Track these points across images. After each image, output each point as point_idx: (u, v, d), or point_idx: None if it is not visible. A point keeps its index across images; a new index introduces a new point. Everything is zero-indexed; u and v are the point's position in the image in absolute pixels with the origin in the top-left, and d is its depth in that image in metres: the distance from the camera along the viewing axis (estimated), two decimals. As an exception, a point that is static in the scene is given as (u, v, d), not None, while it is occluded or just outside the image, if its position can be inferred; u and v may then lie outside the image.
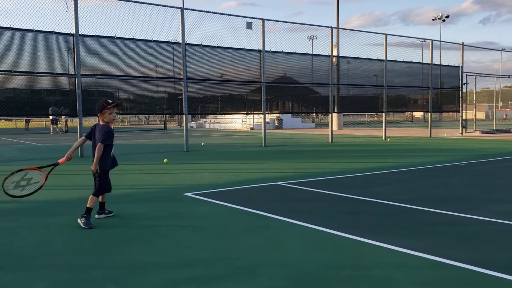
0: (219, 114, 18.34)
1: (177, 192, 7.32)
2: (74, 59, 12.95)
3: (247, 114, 20.67)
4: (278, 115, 31.67)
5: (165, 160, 11.80)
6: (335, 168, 10.20)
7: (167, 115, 33.98)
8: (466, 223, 5.14)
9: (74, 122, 28.48)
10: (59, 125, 29.46)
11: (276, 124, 33.49)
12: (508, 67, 42.67)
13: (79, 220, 5.13)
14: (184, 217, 5.64)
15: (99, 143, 5.20)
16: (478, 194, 6.99)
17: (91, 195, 5.27)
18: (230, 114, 21.28)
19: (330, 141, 18.32)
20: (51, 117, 24.43)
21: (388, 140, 19.23)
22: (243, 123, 34.26)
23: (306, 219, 5.24)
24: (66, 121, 29.86)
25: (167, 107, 16.43)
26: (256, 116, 29.16)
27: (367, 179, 8.59)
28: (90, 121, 38.53)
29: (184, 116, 15.27)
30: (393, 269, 3.68)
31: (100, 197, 5.46)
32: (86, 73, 13.28)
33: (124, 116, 37.74)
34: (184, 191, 7.35)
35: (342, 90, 19.65)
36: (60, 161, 5.22)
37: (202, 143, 18.18)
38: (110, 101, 5.30)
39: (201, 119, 39.47)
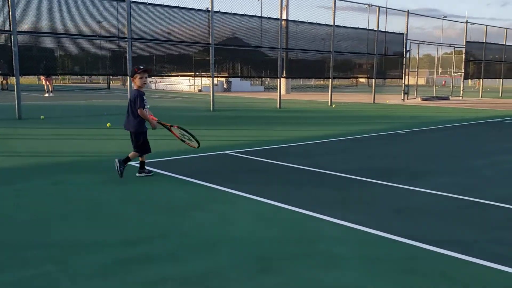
0: (165, 76, 17.75)
1: (122, 160, 7.10)
2: (9, 15, 12.03)
3: (195, 76, 20.20)
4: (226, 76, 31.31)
5: (108, 125, 11.40)
6: (282, 136, 10.27)
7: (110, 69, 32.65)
8: (406, 195, 5.34)
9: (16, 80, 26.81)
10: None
11: (224, 86, 33.12)
12: (449, 34, 44.39)
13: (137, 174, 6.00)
14: (129, 189, 5.50)
15: (139, 109, 5.82)
16: (418, 164, 7.28)
17: (133, 152, 6.01)
18: (178, 76, 20.67)
19: (278, 106, 18.38)
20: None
21: (333, 106, 19.55)
22: (191, 84, 33.63)
23: (253, 192, 5.25)
24: (4, 79, 28.10)
25: (110, 66, 15.74)
26: (204, 77, 28.70)
27: (313, 148, 8.71)
28: (28, 79, 36.48)
29: (128, 77, 14.72)
30: (336, 244, 3.77)
31: (140, 157, 6.05)
32: (23, 30, 12.42)
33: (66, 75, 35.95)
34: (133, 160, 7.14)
35: (290, 53, 19.62)
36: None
37: (147, 106, 17.69)
38: (141, 67, 5.92)
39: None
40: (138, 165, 6.19)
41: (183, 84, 34.06)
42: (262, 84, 42.87)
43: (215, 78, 16.94)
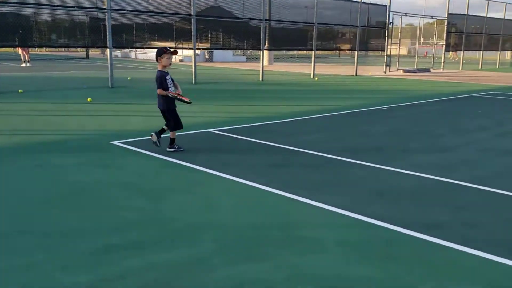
0: (146, 47, 17.46)
1: (103, 139, 7.09)
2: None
3: (176, 49, 19.85)
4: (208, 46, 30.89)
5: (89, 99, 11.27)
6: (265, 112, 10.30)
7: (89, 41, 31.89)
8: (386, 176, 5.48)
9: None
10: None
11: (206, 56, 32.75)
12: (432, 4, 44.48)
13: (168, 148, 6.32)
14: (112, 171, 5.52)
15: (158, 89, 6.21)
16: (397, 143, 7.43)
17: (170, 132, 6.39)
18: (158, 47, 20.32)
19: (261, 79, 18.33)
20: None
21: (316, 79, 19.57)
22: (172, 48, 33.08)
23: (236, 173, 5.32)
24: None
25: (89, 35, 15.39)
26: (185, 46, 28.26)
27: (295, 125, 8.79)
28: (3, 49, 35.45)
29: (108, 50, 14.45)
30: (320, 228, 3.89)
31: (171, 133, 6.37)
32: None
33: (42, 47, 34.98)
34: (111, 138, 7.14)
35: (274, 22, 19.41)
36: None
37: (128, 78, 17.49)
38: (169, 48, 6.40)
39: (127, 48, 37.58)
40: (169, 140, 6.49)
41: (148, 46, 33.41)
42: (244, 54, 42.44)
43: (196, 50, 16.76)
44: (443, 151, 6.86)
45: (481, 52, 33.09)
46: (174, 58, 7.04)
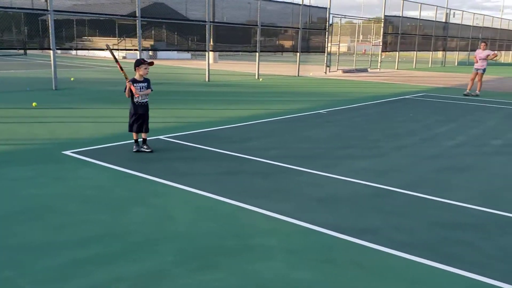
0: (91, 49, 17.26)
1: (55, 149, 7.22)
2: None
3: (118, 48, 19.64)
4: (152, 44, 30.65)
5: (34, 104, 11.16)
6: (213, 116, 10.68)
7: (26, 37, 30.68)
8: (326, 182, 6.05)
9: None
10: None
11: (150, 54, 32.48)
12: (371, 1, 46.84)
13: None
14: (68, 183, 5.71)
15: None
16: (337, 149, 8.06)
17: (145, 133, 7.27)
18: (103, 49, 19.83)
19: (207, 79, 18.63)
20: None
21: (261, 79, 20.14)
22: (114, 50, 32.54)
23: (190, 183, 5.69)
24: None
25: (28, 35, 15.05)
26: (128, 42, 27.89)
27: (243, 131, 9.25)
28: None
29: (51, 51, 14.23)
30: (268, 236, 4.36)
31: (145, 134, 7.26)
32: None
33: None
34: (62, 148, 7.27)
35: (217, 17, 19.61)
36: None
37: (72, 79, 17.23)
38: (147, 60, 7.15)
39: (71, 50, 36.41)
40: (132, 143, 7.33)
41: (93, 48, 32.74)
42: (189, 52, 42.32)
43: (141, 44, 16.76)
44: (377, 156, 7.55)
45: (415, 52, 35.04)
46: (117, 54, 7.59)
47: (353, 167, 6.80)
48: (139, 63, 7.05)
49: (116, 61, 7.13)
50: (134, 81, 7.04)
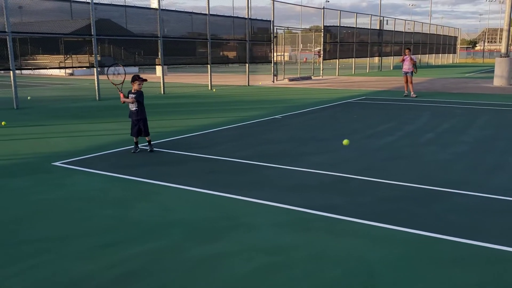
0: (49, 68, 17.54)
1: (42, 162, 7.85)
2: None
3: (65, 67, 19.92)
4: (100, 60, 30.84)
5: (3, 123, 11.56)
6: (179, 126, 11.55)
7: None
8: (292, 175, 7.13)
9: None
10: None
11: (98, 69, 32.54)
12: (309, 10, 49.22)
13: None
14: (69, 188, 6.44)
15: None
16: (296, 147, 9.20)
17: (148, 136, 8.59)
18: (56, 67, 19.93)
19: (162, 92, 19.36)
20: None
21: (214, 90, 21.13)
22: (60, 67, 32.37)
23: (179, 182, 6.59)
24: None
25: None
26: (75, 59, 28.03)
27: (209, 137, 10.20)
28: None
29: (11, 72, 14.53)
30: (254, 216, 5.36)
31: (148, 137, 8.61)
32: None
33: None
34: (48, 160, 7.91)
35: (169, 37, 20.37)
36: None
37: (28, 97, 17.46)
38: (142, 78, 8.34)
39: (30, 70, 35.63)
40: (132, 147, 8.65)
41: (52, 67, 32.57)
42: (136, 65, 42.52)
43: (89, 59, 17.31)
44: (329, 152, 8.74)
45: (353, 58, 37.31)
46: (63, 72, 8.83)
47: (312, 161, 7.94)
48: (134, 79, 8.30)
49: (118, 86, 8.62)
50: (130, 92, 8.36)
